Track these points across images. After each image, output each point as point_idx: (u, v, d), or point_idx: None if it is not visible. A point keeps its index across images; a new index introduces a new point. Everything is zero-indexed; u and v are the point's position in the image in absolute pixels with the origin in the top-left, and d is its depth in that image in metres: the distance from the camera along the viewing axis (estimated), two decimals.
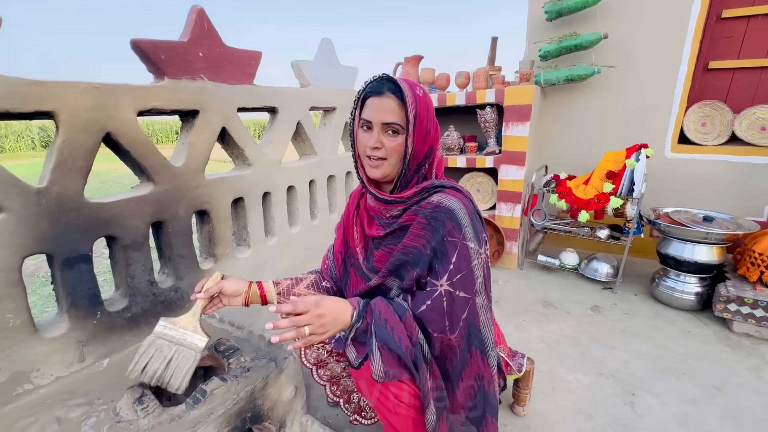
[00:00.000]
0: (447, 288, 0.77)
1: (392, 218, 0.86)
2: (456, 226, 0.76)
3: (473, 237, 0.77)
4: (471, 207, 0.81)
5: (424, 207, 0.80)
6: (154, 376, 0.85)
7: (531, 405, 1.27)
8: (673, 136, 2.21)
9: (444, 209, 0.77)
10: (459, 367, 0.81)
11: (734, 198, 2.11)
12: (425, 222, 0.78)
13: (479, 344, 0.82)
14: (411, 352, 0.76)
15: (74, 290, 1.03)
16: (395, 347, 0.74)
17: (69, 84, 0.96)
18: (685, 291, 1.82)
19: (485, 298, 0.82)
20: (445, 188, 0.82)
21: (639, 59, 2.19)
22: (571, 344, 1.61)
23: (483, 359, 0.82)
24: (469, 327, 0.81)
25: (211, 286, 0.91)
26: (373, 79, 0.80)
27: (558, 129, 2.53)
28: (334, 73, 1.93)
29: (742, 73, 2.11)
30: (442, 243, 0.77)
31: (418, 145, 0.78)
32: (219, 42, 1.31)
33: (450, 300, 0.77)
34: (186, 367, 0.87)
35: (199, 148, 1.30)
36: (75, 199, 1.00)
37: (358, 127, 0.82)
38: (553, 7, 2.18)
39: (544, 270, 2.35)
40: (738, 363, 1.46)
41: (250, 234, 1.56)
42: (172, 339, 0.88)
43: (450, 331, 0.78)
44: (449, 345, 0.80)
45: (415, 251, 0.79)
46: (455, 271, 0.76)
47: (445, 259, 0.77)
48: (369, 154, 0.79)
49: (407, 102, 0.75)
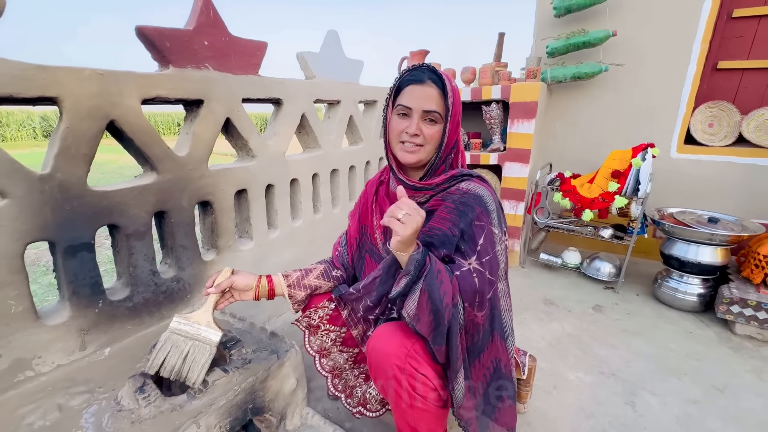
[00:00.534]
0: (476, 266, 0.77)
1: (418, 204, 0.86)
2: (484, 211, 0.79)
3: (498, 224, 0.80)
4: (495, 197, 0.84)
5: (452, 193, 0.82)
6: (172, 371, 0.87)
7: (532, 402, 1.26)
8: (680, 136, 2.19)
9: (473, 195, 0.80)
10: (479, 346, 0.82)
11: (740, 199, 2.10)
12: (453, 206, 0.80)
13: (500, 328, 0.83)
14: (450, 311, 0.74)
15: (76, 278, 1.02)
16: (437, 297, 0.72)
17: (73, 70, 0.95)
18: (688, 292, 1.81)
19: (506, 285, 0.84)
20: (473, 177, 0.85)
21: (647, 57, 2.17)
22: (573, 343, 1.60)
23: (502, 343, 0.85)
24: (492, 310, 0.82)
25: (222, 281, 0.93)
26: (413, 67, 0.82)
27: (563, 127, 2.51)
28: (340, 66, 1.91)
29: (752, 74, 2.09)
30: (470, 226, 0.78)
31: (451, 135, 0.82)
32: (225, 31, 1.30)
33: (481, 278, 0.77)
34: (202, 361, 0.89)
35: (203, 138, 1.29)
36: (78, 186, 0.99)
37: (392, 113, 0.83)
38: (561, 3, 2.16)
39: (546, 268, 2.35)
40: (740, 365, 1.46)
41: (253, 226, 1.56)
42: (186, 334, 0.90)
43: (478, 308, 0.78)
44: (473, 321, 0.80)
45: (440, 233, 0.80)
46: (483, 253, 0.78)
47: (473, 240, 0.79)
48: (406, 140, 0.81)
49: (448, 92, 0.78)
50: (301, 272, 1.01)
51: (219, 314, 1.26)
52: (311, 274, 1.02)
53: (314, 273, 1.02)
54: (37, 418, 0.84)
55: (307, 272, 1.01)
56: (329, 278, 1.03)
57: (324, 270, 1.03)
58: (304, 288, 0.99)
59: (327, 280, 1.03)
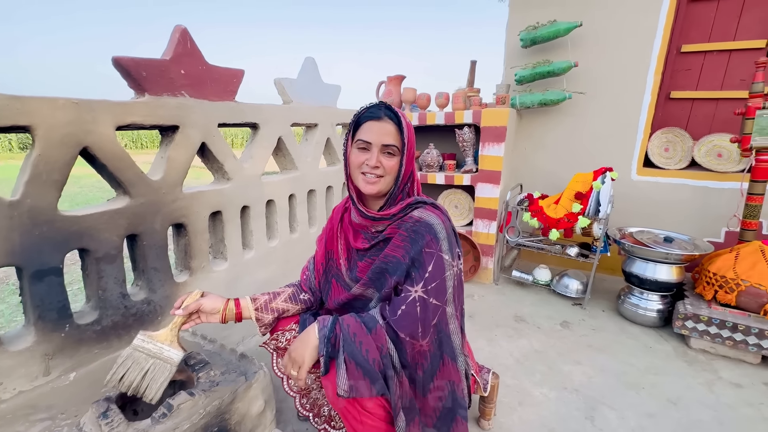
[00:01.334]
0: (421, 294, 0.82)
1: (377, 232, 0.92)
2: (434, 238, 0.84)
3: (448, 250, 0.85)
4: (448, 223, 0.89)
5: (406, 221, 0.87)
6: (130, 387, 0.88)
7: (497, 419, 1.31)
8: (639, 159, 2.34)
9: (424, 223, 0.85)
10: (429, 371, 0.86)
11: (695, 220, 2.24)
12: (406, 234, 0.85)
13: (449, 351, 0.88)
14: (380, 364, 0.80)
15: (43, 303, 1.03)
16: (362, 360, 0.79)
17: (47, 99, 0.98)
18: (648, 308, 1.91)
19: (455, 308, 0.88)
20: (426, 204, 0.90)
21: (607, 87, 2.33)
22: (539, 359, 1.66)
23: (453, 364, 0.89)
24: (439, 333, 0.86)
25: (190, 303, 0.95)
26: (369, 105, 0.88)
27: (533, 150, 2.64)
28: (317, 91, 1.98)
29: (701, 103, 2.26)
30: (420, 253, 0.83)
31: (408, 166, 0.89)
32: (201, 60, 1.35)
33: (423, 306, 0.82)
34: (161, 379, 0.91)
35: (177, 163, 1.32)
36: (48, 212, 1.00)
37: (352, 147, 0.89)
38: (527, 36, 2.31)
39: (518, 285, 2.42)
40: (693, 378, 1.54)
41: (228, 247, 1.58)
42: (149, 352, 0.91)
43: (422, 336, 0.83)
44: (420, 351, 0.85)
45: (394, 260, 0.85)
46: (430, 279, 0.83)
47: (422, 267, 0.83)
48: (367, 171, 0.86)
49: (403, 127, 0.85)
50: (269, 296, 1.04)
51: (190, 336, 1.27)
52: (279, 297, 1.05)
53: (282, 296, 1.05)
54: None
55: (275, 295, 1.05)
56: (297, 301, 1.06)
57: (292, 293, 1.07)
58: (271, 311, 1.02)
59: (294, 303, 1.06)
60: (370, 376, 0.78)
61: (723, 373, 1.57)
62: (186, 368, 1.07)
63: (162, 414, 0.91)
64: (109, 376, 0.88)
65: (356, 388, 0.77)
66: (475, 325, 1.94)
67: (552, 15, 2.31)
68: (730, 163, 2.13)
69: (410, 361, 0.85)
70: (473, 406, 1.33)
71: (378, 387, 0.79)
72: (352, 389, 0.77)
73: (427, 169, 2.54)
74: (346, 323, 0.84)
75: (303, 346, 0.84)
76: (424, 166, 2.55)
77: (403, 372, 0.84)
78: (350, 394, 0.77)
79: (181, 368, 1.08)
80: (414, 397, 0.86)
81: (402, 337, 0.82)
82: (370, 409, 0.82)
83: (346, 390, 0.77)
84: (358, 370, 0.78)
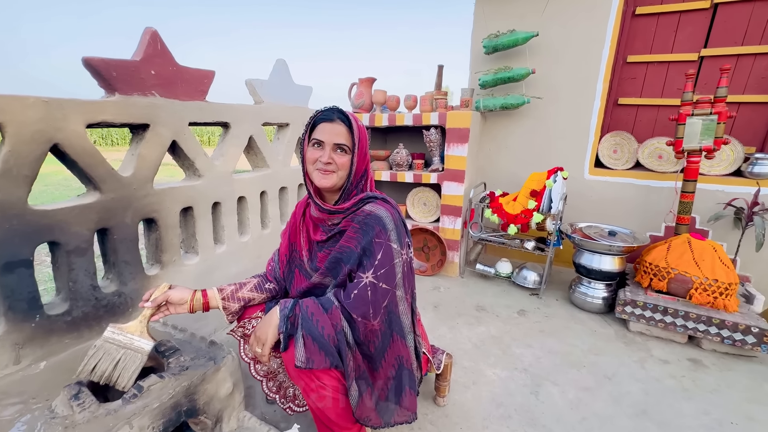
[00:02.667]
0: (371, 280, 0.92)
1: (333, 225, 1.01)
2: (383, 230, 0.93)
3: (396, 239, 0.94)
4: (397, 215, 0.98)
5: (358, 214, 0.97)
6: (102, 376, 0.94)
7: (452, 396, 1.43)
8: (590, 160, 2.53)
9: (374, 216, 0.94)
10: (380, 348, 0.96)
11: (639, 215, 2.45)
12: (358, 227, 0.95)
13: (399, 329, 0.98)
14: (333, 339, 0.90)
15: (13, 294, 1.07)
16: (318, 335, 0.88)
17: (17, 98, 1.02)
18: (595, 296, 2.09)
19: (404, 291, 0.98)
20: (377, 199, 0.99)
21: (561, 92, 2.51)
22: (495, 344, 1.80)
23: (402, 342, 0.99)
24: (389, 314, 0.97)
25: (158, 295, 1.01)
26: (324, 108, 0.98)
27: (496, 150, 2.80)
28: (289, 92, 2.05)
29: (644, 109, 2.48)
30: (370, 243, 0.93)
31: (359, 164, 0.97)
32: (171, 61, 1.40)
33: (374, 290, 0.92)
34: (132, 368, 0.97)
35: (148, 160, 1.37)
36: (18, 206, 1.04)
37: (308, 145, 0.99)
38: (489, 43, 2.45)
39: (482, 278, 2.57)
40: (628, 356, 1.72)
41: (199, 242, 1.63)
42: (119, 343, 0.97)
43: (373, 317, 0.93)
44: (372, 330, 0.94)
45: (348, 250, 0.95)
46: (379, 266, 0.92)
47: (372, 256, 0.93)
48: (320, 167, 0.96)
49: (354, 129, 0.94)
50: (235, 286, 1.11)
51: (161, 326, 1.32)
52: (245, 287, 1.12)
53: (248, 286, 1.13)
54: None
55: (241, 286, 1.12)
56: (262, 290, 1.14)
57: (257, 283, 1.15)
58: (238, 300, 1.10)
59: (260, 292, 1.14)
60: (326, 349, 0.88)
61: (654, 351, 1.76)
62: (156, 355, 1.13)
63: (132, 395, 0.97)
64: (81, 367, 0.93)
65: (312, 359, 0.87)
66: (440, 315, 2.07)
67: (512, 25, 2.47)
68: (668, 164, 2.34)
69: (363, 339, 0.94)
70: (429, 385, 1.44)
71: (332, 359, 0.88)
72: (309, 361, 0.87)
73: (396, 168, 2.65)
74: (305, 305, 0.93)
75: (266, 325, 0.93)
76: (394, 165, 2.66)
77: (356, 348, 0.94)
78: (306, 365, 0.87)
79: (152, 355, 1.13)
80: (368, 371, 0.96)
81: (355, 317, 0.92)
82: (326, 382, 0.91)
83: (303, 361, 0.87)
84: (315, 344, 0.88)
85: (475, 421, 1.32)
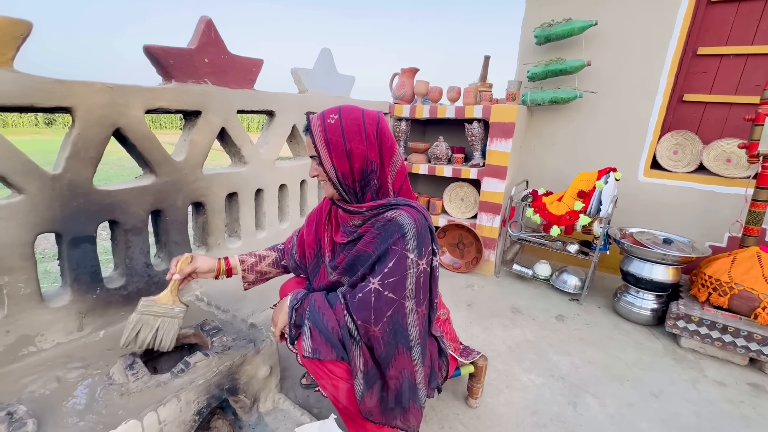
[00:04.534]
0: (377, 286, 0.88)
1: (354, 227, 0.99)
2: (401, 237, 0.88)
3: (414, 249, 0.88)
4: (421, 223, 0.91)
5: (379, 220, 0.92)
6: (144, 343, 1.01)
7: (484, 399, 1.40)
8: (647, 161, 2.35)
9: (394, 223, 0.89)
10: (384, 357, 0.92)
11: (699, 223, 2.26)
12: (377, 232, 0.91)
13: (405, 342, 0.93)
14: (338, 333, 0.91)
15: (78, 267, 1.15)
16: (323, 328, 0.91)
17: (87, 84, 1.08)
18: (643, 307, 1.96)
19: (416, 303, 0.92)
20: (400, 206, 0.93)
21: (619, 87, 2.33)
22: (531, 348, 1.74)
23: (407, 355, 0.94)
24: (394, 324, 0.91)
25: (184, 266, 1.08)
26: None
27: (541, 146, 2.67)
28: (332, 81, 2.06)
29: (714, 107, 2.26)
30: (386, 250, 0.88)
31: (341, 165, 0.88)
32: (224, 50, 1.44)
33: (377, 296, 0.88)
34: (172, 332, 1.05)
35: (199, 146, 1.42)
36: (85, 185, 1.12)
37: None
38: (542, 33, 2.32)
39: (518, 279, 2.49)
40: (678, 374, 1.60)
41: (242, 227, 1.69)
42: (155, 313, 1.04)
43: (374, 323, 0.89)
44: (373, 335, 0.91)
45: (365, 254, 0.92)
46: (388, 275, 0.88)
47: (384, 263, 0.89)
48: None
49: (313, 134, 0.90)
50: (256, 258, 1.20)
51: (206, 306, 1.38)
52: (264, 261, 1.21)
53: (267, 261, 1.21)
54: (38, 387, 0.97)
55: (261, 259, 1.20)
56: (278, 267, 1.22)
57: (275, 259, 1.22)
58: (255, 273, 1.20)
59: (276, 268, 1.22)
60: (331, 342, 0.90)
61: (709, 371, 1.62)
62: (201, 333, 1.19)
63: (180, 369, 1.03)
64: (123, 339, 0.99)
65: (319, 350, 0.90)
66: (473, 314, 2.03)
67: (568, 13, 2.31)
68: (738, 168, 2.13)
69: (366, 342, 0.93)
70: (462, 385, 1.42)
71: (338, 351, 0.90)
72: (316, 351, 0.90)
73: (435, 161, 2.60)
74: (314, 298, 0.97)
75: (279, 311, 1.02)
76: (432, 158, 2.61)
77: (363, 344, 0.92)
78: (314, 356, 0.90)
79: (197, 332, 1.20)
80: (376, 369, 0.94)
81: (355, 319, 0.90)
82: (335, 372, 0.93)
83: (310, 352, 0.90)
84: (321, 336, 0.91)
85: (507, 426, 1.29)
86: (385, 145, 0.91)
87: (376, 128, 0.90)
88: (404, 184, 0.99)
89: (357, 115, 0.90)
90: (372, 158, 0.90)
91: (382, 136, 0.90)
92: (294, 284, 1.23)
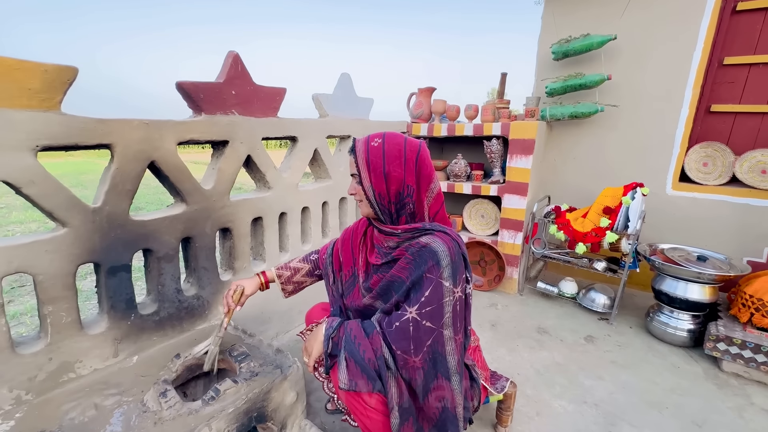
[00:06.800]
0: (414, 315, 0.88)
1: (389, 249, 1.00)
2: (436, 265, 0.88)
3: (449, 276, 0.88)
4: (456, 249, 0.91)
5: (413, 245, 0.92)
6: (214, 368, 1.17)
7: (513, 426, 1.35)
8: (674, 174, 2.28)
9: (429, 250, 0.89)
10: (422, 386, 0.91)
11: (734, 238, 2.15)
12: (411, 258, 0.91)
13: (444, 371, 0.91)
14: (374, 363, 0.88)
15: (114, 294, 1.20)
16: (359, 359, 0.88)
17: (125, 121, 1.15)
18: (678, 327, 1.86)
19: (454, 331, 0.91)
20: (435, 231, 0.93)
21: (642, 100, 2.29)
22: (560, 372, 1.68)
23: (447, 383, 0.92)
24: (434, 353, 0.90)
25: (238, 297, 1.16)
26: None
27: (563, 162, 2.63)
28: (351, 104, 2.11)
29: (744, 117, 2.18)
30: (420, 277, 0.88)
31: (378, 185, 0.92)
32: (249, 81, 1.50)
33: (416, 326, 0.88)
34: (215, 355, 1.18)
35: (226, 174, 1.47)
36: (122, 216, 1.17)
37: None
38: (559, 49, 2.31)
39: (543, 297, 2.42)
40: (722, 402, 1.50)
41: (266, 250, 1.72)
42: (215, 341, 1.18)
43: (414, 354, 0.88)
44: (413, 366, 0.89)
45: (399, 280, 0.93)
46: (425, 304, 0.87)
47: (420, 291, 0.88)
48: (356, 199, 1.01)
49: (357, 154, 0.94)
50: (291, 272, 1.25)
51: (232, 330, 1.41)
52: (298, 273, 1.26)
53: (301, 273, 1.26)
54: (77, 414, 1.00)
55: (295, 272, 1.26)
56: (313, 276, 1.28)
57: (309, 270, 1.27)
58: (292, 284, 1.26)
59: (310, 277, 1.28)
60: (367, 373, 0.87)
61: (756, 398, 1.52)
62: (229, 359, 1.21)
63: (210, 397, 1.04)
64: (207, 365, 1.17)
65: (355, 382, 0.88)
66: (497, 334, 1.98)
67: (585, 27, 2.30)
68: None
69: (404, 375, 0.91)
70: (490, 412, 1.38)
71: (374, 383, 0.87)
72: (352, 383, 0.88)
73: (454, 179, 2.60)
74: (350, 327, 0.94)
75: (313, 340, 0.98)
76: (451, 175, 2.61)
77: (399, 375, 0.91)
78: (350, 388, 0.88)
79: (225, 358, 1.22)
80: (412, 401, 0.93)
81: (395, 349, 0.89)
82: (371, 404, 0.91)
83: (346, 384, 0.88)
84: (357, 368, 0.88)
85: None
86: (423, 172, 0.93)
87: (416, 156, 0.92)
88: (440, 210, 1.00)
89: (399, 141, 0.93)
90: (408, 182, 0.92)
91: (421, 163, 0.93)
92: (320, 310, 1.24)
